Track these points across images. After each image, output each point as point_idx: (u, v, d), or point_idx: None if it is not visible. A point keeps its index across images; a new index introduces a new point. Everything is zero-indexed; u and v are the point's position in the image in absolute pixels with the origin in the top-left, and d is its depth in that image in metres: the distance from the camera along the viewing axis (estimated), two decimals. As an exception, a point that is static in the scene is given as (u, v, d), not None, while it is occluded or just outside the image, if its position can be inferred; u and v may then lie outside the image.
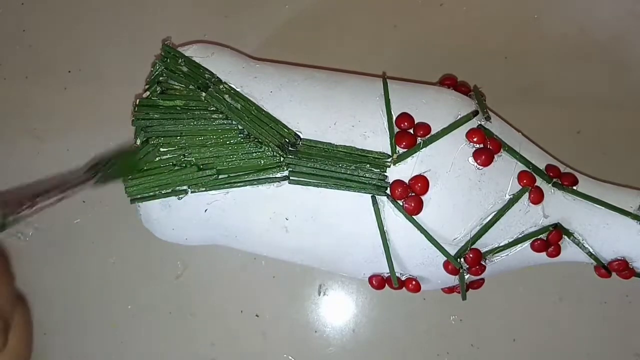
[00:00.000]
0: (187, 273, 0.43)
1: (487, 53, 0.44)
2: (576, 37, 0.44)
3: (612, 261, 0.35)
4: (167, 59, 0.35)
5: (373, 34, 0.45)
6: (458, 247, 0.33)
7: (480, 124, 0.34)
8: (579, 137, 0.43)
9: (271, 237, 0.35)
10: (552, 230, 0.34)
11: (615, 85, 0.44)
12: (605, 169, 0.40)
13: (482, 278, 0.36)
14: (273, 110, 0.34)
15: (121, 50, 0.45)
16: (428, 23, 0.45)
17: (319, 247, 0.35)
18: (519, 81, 0.44)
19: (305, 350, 0.43)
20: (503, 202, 0.33)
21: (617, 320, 0.42)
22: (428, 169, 0.33)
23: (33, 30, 0.46)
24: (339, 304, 0.43)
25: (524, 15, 0.45)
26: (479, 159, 0.33)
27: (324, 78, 0.36)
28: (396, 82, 0.36)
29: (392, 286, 0.35)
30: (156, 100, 0.34)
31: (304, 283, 0.43)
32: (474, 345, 0.42)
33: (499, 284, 0.40)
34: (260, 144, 0.33)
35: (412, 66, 0.43)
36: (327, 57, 0.43)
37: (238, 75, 0.35)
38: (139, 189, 0.34)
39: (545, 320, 0.42)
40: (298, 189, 0.33)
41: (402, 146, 0.33)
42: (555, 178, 0.35)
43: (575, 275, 0.41)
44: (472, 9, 0.45)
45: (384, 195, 0.33)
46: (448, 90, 0.37)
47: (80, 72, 0.45)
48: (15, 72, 0.45)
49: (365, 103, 0.34)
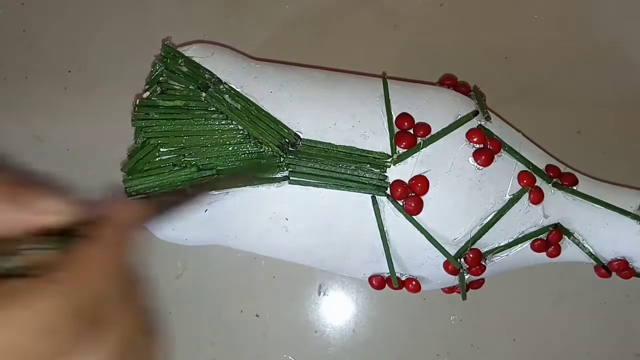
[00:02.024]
0: (187, 273, 0.43)
1: (487, 53, 0.44)
2: (576, 37, 0.44)
3: (612, 261, 0.35)
4: (167, 59, 0.35)
5: (373, 34, 0.45)
6: (458, 247, 0.33)
7: (480, 124, 0.34)
8: (579, 137, 0.43)
9: (271, 237, 0.35)
10: (552, 230, 0.34)
11: (615, 85, 0.44)
12: (605, 169, 0.40)
13: (482, 278, 0.36)
14: (273, 111, 0.34)
15: (121, 50, 0.45)
16: (428, 23, 0.45)
17: (319, 247, 0.35)
18: (519, 81, 0.44)
19: (305, 350, 0.43)
20: (503, 202, 0.33)
21: (617, 320, 0.42)
22: (428, 169, 0.33)
23: (33, 30, 0.46)
24: (339, 304, 0.43)
25: (524, 15, 0.45)
26: (479, 159, 0.33)
27: (323, 78, 0.36)
28: (396, 82, 0.36)
29: (392, 286, 0.35)
30: (156, 100, 0.34)
31: (304, 283, 0.43)
32: (474, 345, 0.42)
33: (499, 284, 0.40)
34: (260, 144, 0.33)
35: (412, 66, 0.43)
36: (327, 57, 0.43)
37: (238, 76, 0.35)
38: (139, 189, 0.34)
39: (545, 320, 0.42)
40: (298, 189, 0.33)
41: (402, 146, 0.33)
42: (555, 178, 0.35)
43: (575, 275, 0.41)
44: (472, 9, 0.45)
45: (384, 195, 0.33)
46: (448, 90, 0.37)
47: (80, 72, 0.45)
48: (15, 72, 0.45)
49: (365, 103, 0.34)
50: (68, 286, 0.18)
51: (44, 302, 0.17)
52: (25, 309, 0.17)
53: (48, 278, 0.18)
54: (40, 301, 0.17)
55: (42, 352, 0.17)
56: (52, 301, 0.17)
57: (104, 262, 0.19)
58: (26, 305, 0.17)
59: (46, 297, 0.17)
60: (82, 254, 0.19)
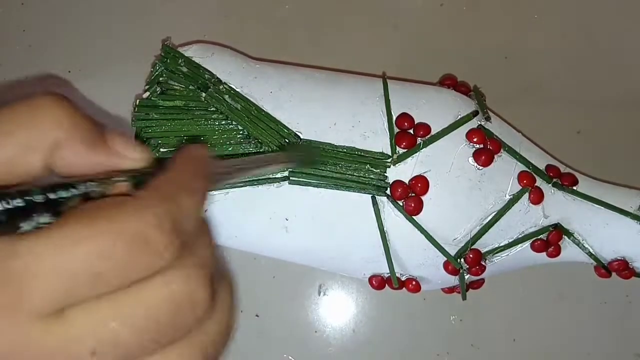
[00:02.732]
0: (187, 273, 0.43)
1: (487, 53, 0.44)
2: (576, 37, 0.44)
3: (612, 261, 0.35)
4: (167, 59, 0.35)
5: (373, 34, 0.45)
6: (458, 247, 0.33)
7: (480, 124, 0.34)
8: (579, 137, 0.43)
9: (271, 237, 0.35)
10: (552, 231, 0.34)
11: (615, 85, 0.44)
12: (605, 169, 0.40)
13: (482, 278, 0.36)
14: (273, 111, 0.34)
15: (121, 50, 0.45)
16: (428, 23, 0.45)
17: (319, 247, 0.35)
18: (519, 81, 0.44)
19: (305, 350, 0.43)
20: (503, 203, 0.33)
21: (617, 320, 0.42)
22: (428, 169, 0.33)
23: (33, 30, 0.46)
24: (339, 304, 0.43)
25: (524, 15, 0.45)
26: (479, 159, 0.33)
27: (323, 78, 0.36)
28: (396, 82, 0.36)
29: (392, 286, 0.35)
30: (156, 100, 0.34)
31: (304, 283, 0.43)
32: (474, 345, 0.42)
33: (499, 284, 0.40)
34: (260, 144, 0.33)
35: (412, 66, 0.43)
36: (327, 57, 0.43)
37: (238, 76, 0.35)
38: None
39: (545, 320, 0.42)
40: (298, 189, 0.33)
41: (402, 146, 0.33)
42: (555, 178, 0.35)
43: (575, 275, 0.41)
44: (472, 9, 0.45)
45: (384, 195, 0.33)
46: (448, 90, 0.37)
47: (80, 72, 0.45)
48: (15, 72, 0.45)
49: (365, 103, 0.34)
50: (157, 201, 0.17)
51: (134, 213, 0.16)
52: (113, 220, 0.16)
53: (136, 194, 0.18)
54: (130, 213, 0.16)
55: (135, 262, 0.16)
56: (143, 213, 0.17)
57: (187, 187, 0.19)
58: (114, 216, 0.16)
59: (137, 209, 0.17)
60: (163, 180, 0.19)
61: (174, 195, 0.18)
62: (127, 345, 0.16)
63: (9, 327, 0.15)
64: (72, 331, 0.16)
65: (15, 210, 0.16)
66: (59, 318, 0.16)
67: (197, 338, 0.18)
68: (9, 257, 0.15)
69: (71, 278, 0.16)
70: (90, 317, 0.16)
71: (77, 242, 0.16)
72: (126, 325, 0.16)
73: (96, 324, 0.16)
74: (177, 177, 0.19)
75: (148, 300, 0.16)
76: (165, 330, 0.17)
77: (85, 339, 0.16)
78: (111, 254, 0.16)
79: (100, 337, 0.16)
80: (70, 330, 0.16)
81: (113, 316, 0.16)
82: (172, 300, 0.17)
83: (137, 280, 0.16)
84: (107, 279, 0.16)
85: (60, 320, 0.16)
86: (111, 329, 0.16)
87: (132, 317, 0.16)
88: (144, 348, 0.17)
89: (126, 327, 0.16)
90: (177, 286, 0.17)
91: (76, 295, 0.16)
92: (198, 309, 0.17)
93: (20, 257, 0.15)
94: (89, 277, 0.16)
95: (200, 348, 0.18)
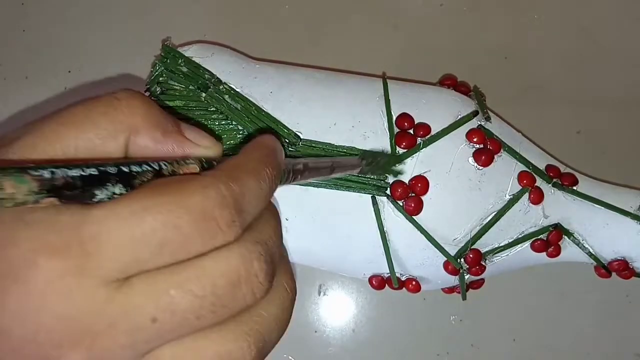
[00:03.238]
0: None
1: (487, 53, 0.44)
2: (576, 37, 0.44)
3: (612, 261, 0.35)
4: (167, 59, 0.35)
5: (373, 34, 0.45)
6: (458, 247, 0.33)
7: (480, 124, 0.34)
8: (579, 137, 0.43)
9: (271, 237, 0.35)
10: (552, 231, 0.34)
11: (615, 85, 0.44)
12: (605, 169, 0.40)
13: (482, 278, 0.36)
14: (273, 111, 0.34)
15: (121, 50, 0.45)
16: (428, 23, 0.45)
17: (319, 247, 0.35)
18: (519, 81, 0.44)
19: (305, 350, 0.43)
20: (503, 202, 0.33)
21: (617, 320, 0.42)
22: (428, 169, 0.33)
23: (33, 30, 0.46)
24: (339, 304, 0.43)
25: (524, 15, 0.45)
26: (479, 159, 0.33)
27: (323, 78, 0.36)
28: (396, 82, 0.36)
29: (392, 286, 0.35)
30: (156, 100, 0.34)
31: (304, 283, 0.43)
32: (474, 345, 0.42)
33: (499, 284, 0.40)
34: (260, 144, 0.33)
35: (412, 66, 0.43)
36: (327, 57, 0.43)
37: (238, 76, 0.35)
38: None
39: (545, 320, 0.42)
40: (298, 189, 0.33)
41: (402, 146, 0.33)
42: (555, 178, 0.35)
43: (575, 275, 0.41)
44: (472, 9, 0.45)
45: (384, 195, 0.33)
46: (448, 90, 0.37)
47: (80, 72, 0.45)
48: (15, 72, 0.45)
49: (365, 103, 0.34)
50: (222, 180, 0.18)
51: (200, 189, 0.17)
52: (181, 194, 0.17)
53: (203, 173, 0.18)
54: (196, 189, 0.17)
55: (199, 235, 0.17)
56: (208, 190, 0.17)
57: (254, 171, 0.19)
58: (182, 190, 0.17)
59: (204, 185, 0.17)
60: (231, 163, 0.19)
61: (239, 177, 0.18)
62: (185, 314, 0.17)
63: (76, 291, 0.16)
64: (135, 299, 0.16)
65: (90, 178, 0.17)
66: (123, 286, 0.16)
67: (253, 319, 0.19)
68: (83, 222, 0.16)
69: (139, 247, 0.16)
70: (153, 286, 0.16)
71: (146, 212, 0.16)
72: (185, 295, 0.17)
73: (158, 292, 0.16)
74: (244, 161, 0.20)
75: (207, 273, 0.17)
76: (223, 304, 0.17)
77: (147, 307, 0.16)
78: (178, 226, 0.16)
79: (160, 305, 0.16)
80: (133, 298, 0.16)
81: (174, 285, 0.17)
82: (231, 275, 0.17)
83: (199, 254, 0.17)
84: (171, 249, 0.17)
85: (124, 288, 0.16)
86: (171, 297, 0.16)
87: (192, 287, 0.17)
88: (201, 319, 0.17)
89: (185, 297, 0.17)
90: (236, 262, 0.17)
91: (142, 264, 0.16)
92: (255, 287, 0.18)
93: (94, 224, 0.16)
94: (156, 246, 0.16)
95: (255, 330, 0.19)
